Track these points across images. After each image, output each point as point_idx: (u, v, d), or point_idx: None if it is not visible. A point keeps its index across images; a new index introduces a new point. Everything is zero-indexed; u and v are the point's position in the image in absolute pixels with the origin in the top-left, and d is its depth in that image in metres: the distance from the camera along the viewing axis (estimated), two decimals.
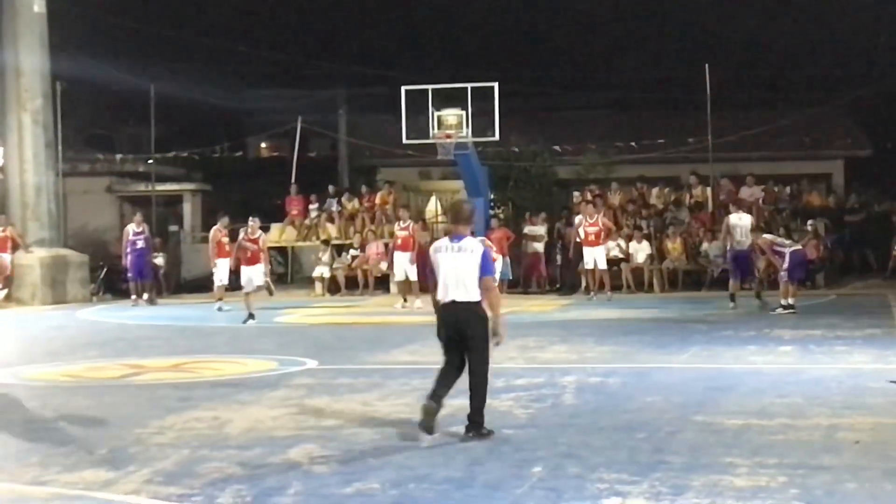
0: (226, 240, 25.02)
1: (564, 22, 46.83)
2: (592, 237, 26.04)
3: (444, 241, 10.12)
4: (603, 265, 26.11)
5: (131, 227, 28.16)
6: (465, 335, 9.78)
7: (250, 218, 22.63)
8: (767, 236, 22.55)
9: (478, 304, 9.74)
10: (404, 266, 25.21)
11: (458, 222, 10.24)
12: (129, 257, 27.90)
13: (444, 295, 9.86)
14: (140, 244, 27.99)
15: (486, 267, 9.84)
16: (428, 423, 9.63)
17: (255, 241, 22.08)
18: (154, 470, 8.76)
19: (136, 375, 14.61)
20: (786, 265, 21.22)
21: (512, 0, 46.79)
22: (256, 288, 21.94)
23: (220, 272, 25.21)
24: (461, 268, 9.81)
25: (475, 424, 9.77)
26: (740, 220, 22.61)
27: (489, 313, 9.80)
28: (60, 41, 30.27)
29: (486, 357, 9.85)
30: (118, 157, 40.68)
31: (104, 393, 13.27)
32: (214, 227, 25.61)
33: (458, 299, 9.77)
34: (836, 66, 40.52)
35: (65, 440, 10.10)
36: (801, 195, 32.07)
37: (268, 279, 22.47)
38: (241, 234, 22.46)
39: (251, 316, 21.52)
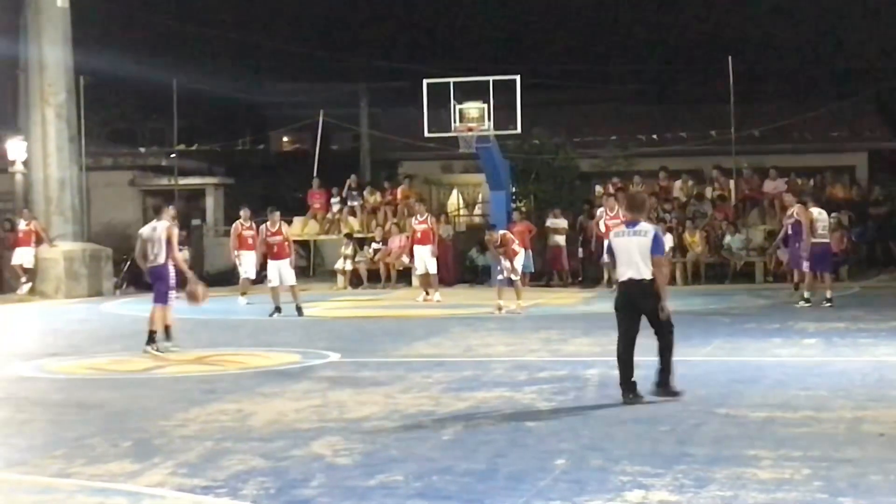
0: (248, 233, 25.00)
1: (587, 14, 46.70)
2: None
3: (621, 227, 11.43)
4: None
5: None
6: (640, 309, 11.04)
7: (269, 211, 22.63)
8: (813, 211, 22.06)
9: (651, 281, 10.92)
10: (424, 259, 25.20)
11: (634, 211, 11.46)
12: None
13: (621, 273, 11.08)
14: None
15: (657, 247, 11.03)
16: (634, 398, 10.92)
17: (278, 233, 22.07)
18: (178, 462, 8.80)
19: (159, 368, 14.67)
20: (805, 254, 21.05)
21: None
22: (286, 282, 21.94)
23: (246, 265, 25.22)
24: (635, 250, 10.97)
25: (663, 382, 11.08)
26: (821, 214, 22.03)
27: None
28: (84, 36, 30.37)
29: (667, 323, 11.09)
30: (141, 150, 40.84)
31: (128, 385, 13.34)
32: (237, 221, 25.62)
33: (634, 277, 10.95)
34: (860, 58, 40.37)
35: (89, 433, 10.15)
36: (825, 188, 31.90)
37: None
38: (263, 230, 22.48)
39: (278, 309, 21.55)
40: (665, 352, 11.15)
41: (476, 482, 8.04)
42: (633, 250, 10.99)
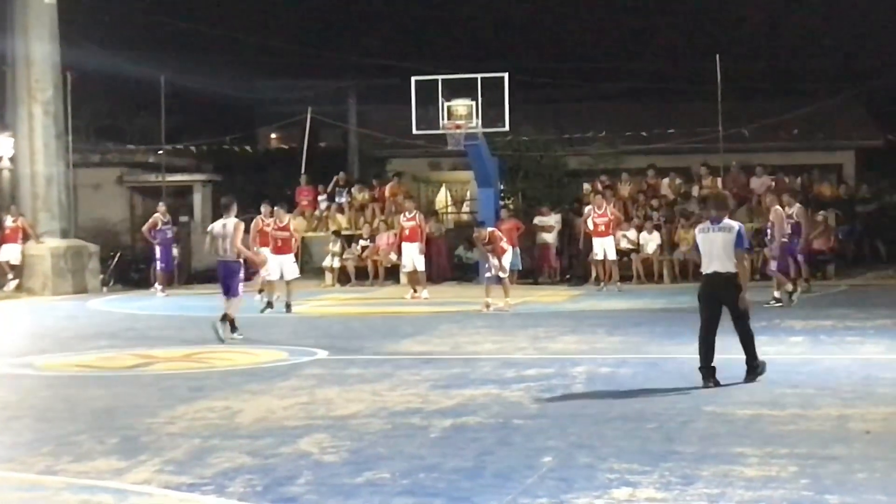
0: (268, 229, 24.33)
1: (575, 12, 46.74)
2: (602, 227, 26.07)
3: (706, 224, 12.18)
4: (612, 255, 26.12)
5: (160, 217, 28.25)
6: (721, 299, 11.96)
7: (275, 207, 22.68)
8: (780, 209, 22.22)
9: (734, 274, 11.84)
10: (412, 256, 25.21)
11: (719, 209, 12.23)
12: (158, 247, 28.00)
13: (707, 267, 11.95)
14: (169, 234, 28.28)
15: (740, 243, 11.92)
16: (714, 384, 11.80)
17: (285, 228, 22.16)
18: (165, 459, 8.79)
19: (147, 365, 14.65)
20: (776, 253, 21.27)
21: None
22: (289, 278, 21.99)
23: (272, 265, 24.56)
24: (720, 244, 11.87)
25: (752, 368, 12.04)
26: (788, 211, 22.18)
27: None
28: (71, 31, 30.28)
29: (745, 314, 11.99)
30: (129, 147, 40.74)
31: (115, 383, 13.31)
32: (257, 216, 24.82)
33: (719, 270, 11.86)
34: (848, 56, 40.47)
35: (76, 430, 10.13)
36: (812, 186, 31.97)
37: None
38: (258, 222, 22.48)
39: (269, 304, 21.58)
40: (747, 342, 12.06)
41: (463, 480, 8.04)
42: (718, 245, 11.86)
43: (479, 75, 28.03)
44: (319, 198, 32.80)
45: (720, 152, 30.99)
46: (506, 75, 28.01)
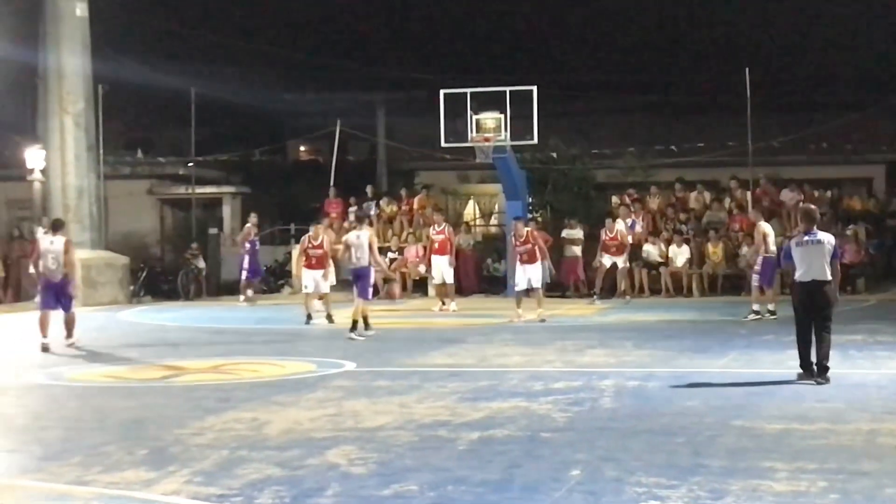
0: (313, 252, 24.09)
1: (604, 25, 46.72)
2: (613, 249, 26.42)
3: (802, 236, 13.04)
4: (621, 265, 26.51)
5: (252, 228, 28.45)
6: (816, 304, 12.86)
7: (311, 225, 23.15)
8: (764, 225, 22.33)
9: (828, 282, 12.87)
10: (442, 269, 25.22)
11: (812, 223, 13.14)
12: (247, 256, 28.17)
13: (804, 276, 12.87)
14: (258, 244, 28.75)
15: (834, 253, 13.03)
16: (814, 378, 12.71)
17: (320, 247, 22.36)
18: (193, 470, 8.81)
19: (176, 377, 14.70)
20: (758, 267, 21.37)
21: (551, 4, 46.72)
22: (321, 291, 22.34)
23: (306, 280, 24.45)
24: (817, 255, 12.84)
25: (824, 369, 12.76)
26: (772, 230, 22.41)
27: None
28: (102, 44, 30.50)
29: (831, 318, 12.97)
30: (159, 159, 40.99)
31: (145, 394, 13.36)
32: (305, 235, 24.63)
33: (817, 278, 12.82)
34: (879, 69, 40.22)
35: (106, 440, 10.18)
36: (842, 199, 31.81)
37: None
38: (305, 240, 22.69)
39: (309, 317, 21.97)
40: (828, 344, 12.83)
41: (491, 492, 8.04)
42: (815, 256, 12.85)
43: (507, 88, 28.05)
44: (349, 209, 32.85)
45: (749, 165, 30.88)
46: (534, 88, 28.04)
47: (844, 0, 41.07)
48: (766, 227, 21.88)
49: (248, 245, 28.48)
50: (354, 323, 19.01)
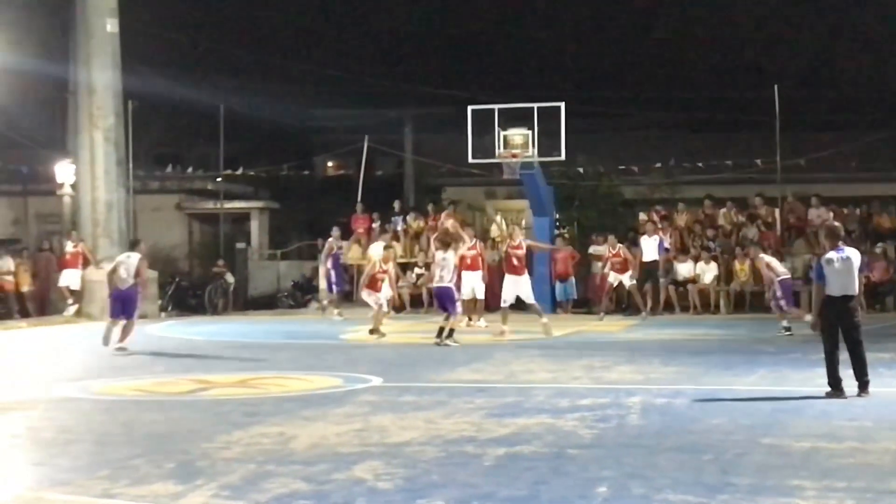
0: (381, 276, 24.51)
1: (631, 42, 46.72)
2: (618, 266, 26.76)
3: (833, 253, 13.19)
4: (628, 283, 26.85)
5: (335, 242, 28.53)
6: (847, 318, 13.06)
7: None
8: (765, 257, 22.57)
9: (856, 296, 13.25)
10: (473, 285, 25.16)
11: (836, 239, 13.37)
12: (332, 271, 28.23)
13: (836, 290, 13.05)
14: (341, 258, 28.91)
15: (862, 268, 13.54)
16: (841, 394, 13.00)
17: (385, 272, 22.84)
18: (221, 484, 8.84)
19: (203, 391, 14.74)
20: (779, 293, 21.65)
21: (579, 22, 46.77)
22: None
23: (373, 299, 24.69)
24: (848, 271, 13.09)
25: (865, 384, 13.05)
26: (767, 256, 22.89)
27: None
28: (133, 60, 30.70)
29: (860, 330, 13.16)
30: (190, 173, 41.18)
31: (172, 407, 13.40)
32: (376, 259, 24.66)
33: (848, 293, 13.07)
34: None
35: (133, 454, 10.21)
36: (871, 217, 31.64)
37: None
38: (376, 266, 22.95)
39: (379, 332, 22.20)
40: (864, 357, 13.10)
41: None
42: (846, 272, 13.06)
43: (535, 105, 28.09)
44: (373, 225, 32.93)
45: (777, 183, 30.78)
46: (562, 105, 28.05)
47: (874, 20, 40.94)
48: (766, 258, 22.42)
49: (331, 259, 28.46)
50: (445, 331, 20.28)
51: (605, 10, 46.14)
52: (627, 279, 26.73)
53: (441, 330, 20.44)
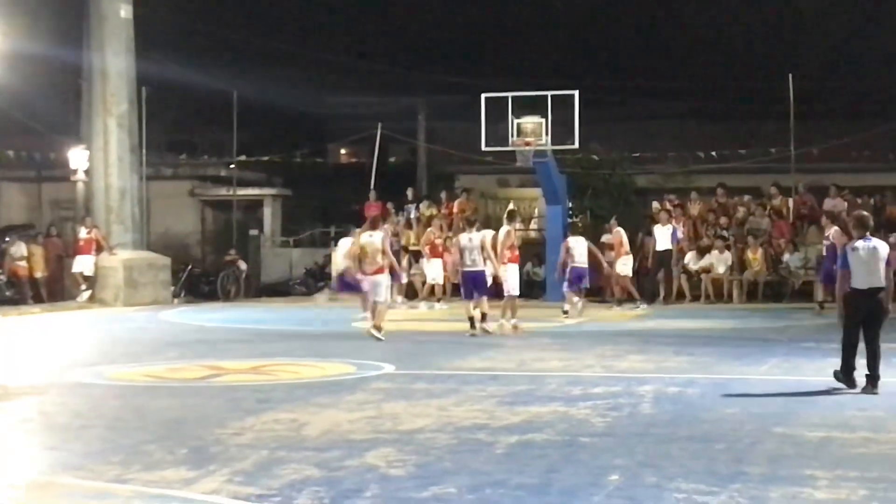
0: (439, 241, 27.32)
1: (646, 30, 46.58)
2: (613, 253, 26.80)
3: (861, 242, 12.99)
4: (623, 273, 26.80)
5: (389, 228, 28.59)
6: (874, 312, 12.85)
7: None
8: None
9: (884, 289, 12.85)
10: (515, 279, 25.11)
11: (865, 229, 13.18)
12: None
13: (863, 282, 12.81)
14: (395, 246, 28.65)
15: (888, 261, 12.97)
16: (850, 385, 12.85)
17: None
18: (233, 470, 8.86)
19: (216, 377, 14.78)
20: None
21: (593, 9, 46.61)
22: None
23: (431, 270, 27.34)
24: (875, 261, 12.84)
25: (874, 379, 12.74)
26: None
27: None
28: (146, 46, 30.73)
29: (877, 332, 12.92)
30: (202, 160, 41.23)
31: (185, 393, 13.44)
32: (428, 230, 28.16)
33: (876, 285, 12.81)
34: None
35: (146, 439, 10.24)
36: (885, 207, 31.52)
37: None
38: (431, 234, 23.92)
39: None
40: (879, 353, 12.88)
41: (529, 496, 8.03)
42: (873, 262, 12.83)
43: (549, 93, 28.04)
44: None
45: (791, 172, 30.70)
46: (576, 93, 28.00)
47: (891, 8, 40.76)
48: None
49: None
50: (474, 319, 19.72)
51: None
52: (620, 265, 26.63)
53: (472, 320, 19.76)
